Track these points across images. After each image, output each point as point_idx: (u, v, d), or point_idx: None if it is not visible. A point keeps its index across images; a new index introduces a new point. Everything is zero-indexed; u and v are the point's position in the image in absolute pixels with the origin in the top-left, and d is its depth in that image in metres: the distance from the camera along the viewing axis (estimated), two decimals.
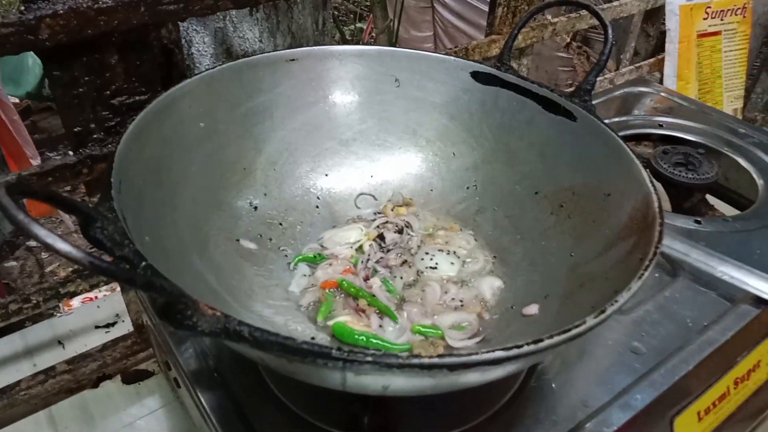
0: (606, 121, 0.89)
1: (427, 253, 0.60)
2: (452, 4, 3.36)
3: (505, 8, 0.82)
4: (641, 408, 0.52)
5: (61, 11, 0.49)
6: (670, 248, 0.69)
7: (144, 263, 0.36)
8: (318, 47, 0.62)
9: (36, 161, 1.76)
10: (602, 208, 0.54)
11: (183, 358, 0.57)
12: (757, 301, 0.62)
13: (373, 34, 3.13)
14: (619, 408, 0.52)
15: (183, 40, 0.63)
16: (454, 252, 0.60)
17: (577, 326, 0.36)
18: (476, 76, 0.63)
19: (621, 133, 0.92)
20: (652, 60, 1.11)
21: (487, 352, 0.34)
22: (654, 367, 0.56)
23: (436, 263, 0.59)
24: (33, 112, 3.10)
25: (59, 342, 0.81)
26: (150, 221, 0.47)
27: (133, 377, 0.76)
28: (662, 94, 1.00)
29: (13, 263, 2.73)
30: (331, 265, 0.58)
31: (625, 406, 0.53)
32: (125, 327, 0.81)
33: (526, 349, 0.34)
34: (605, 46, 0.58)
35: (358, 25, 4.28)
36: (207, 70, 0.57)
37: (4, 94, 1.69)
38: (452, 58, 0.64)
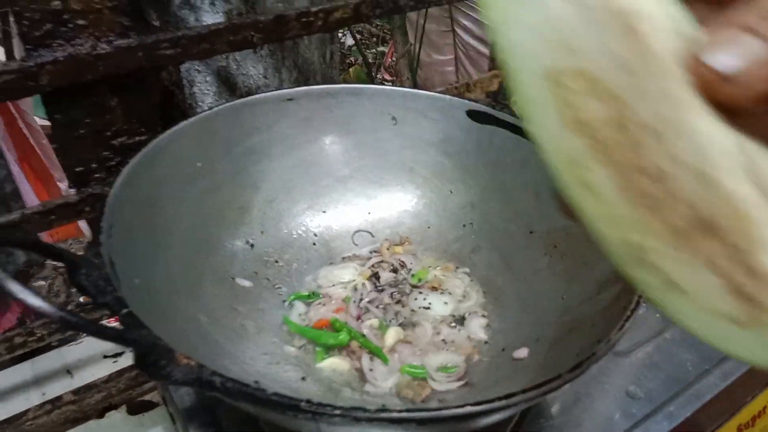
0: None
1: (420, 293, 0.60)
2: (473, 28, 3.38)
3: None
4: None
5: (61, 58, 0.51)
6: None
7: (125, 311, 0.37)
8: (314, 87, 0.63)
9: (63, 184, 1.81)
10: (593, 250, 0.53)
11: (177, 395, 0.58)
12: None
13: (395, 58, 3.17)
14: None
15: (184, 81, 0.65)
16: (448, 292, 0.60)
17: (550, 381, 0.35)
18: (472, 114, 0.63)
19: None
20: None
21: (457, 407, 0.33)
22: (650, 413, 0.55)
23: (429, 303, 0.59)
24: None
25: (68, 371, 0.82)
26: (142, 263, 0.48)
27: (138, 408, 0.77)
28: None
29: (42, 282, 2.79)
30: (324, 304, 0.58)
31: None
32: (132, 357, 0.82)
33: (497, 404, 0.34)
34: None
35: (380, 48, 4.33)
36: (203, 111, 0.59)
37: (32, 119, 1.74)
38: (447, 96, 0.64)
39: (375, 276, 0.61)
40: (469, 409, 0.34)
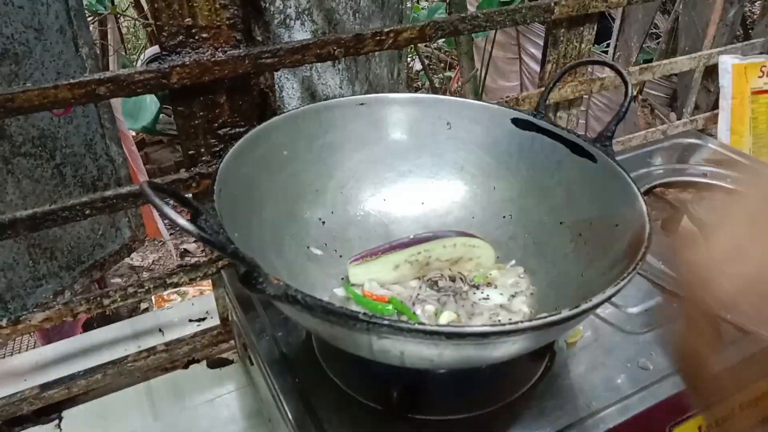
0: (656, 169, 0.98)
1: (478, 289, 0.69)
2: (539, 55, 3.45)
3: (554, 64, 0.93)
4: (638, 412, 0.60)
5: (188, 62, 0.66)
6: None
7: (233, 245, 0.50)
8: (383, 94, 0.76)
9: None
10: (611, 236, 0.63)
11: (260, 345, 0.70)
12: None
13: (460, 83, 3.29)
14: (618, 410, 0.60)
15: (276, 86, 0.79)
16: (503, 285, 0.69)
17: (552, 315, 0.46)
18: (516, 122, 0.74)
19: (666, 180, 0.99)
20: (707, 114, 1.17)
21: (476, 326, 0.44)
22: (657, 380, 0.63)
23: (488, 295, 0.67)
24: (146, 145, 3.43)
25: (160, 330, 0.97)
26: (240, 222, 0.61)
27: (216, 363, 0.91)
28: (711, 145, 1.06)
29: (118, 280, 3.03)
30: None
31: (624, 409, 0.60)
32: (213, 322, 0.96)
33: (508, 327, 0.44)
34: (625, 99, 0.67)
35: (447, 73, 4.48)
36: (292, 109, 0.72)
37: (125, 127, 1.95)
38: (496, 106, 0.75)
39: (434, 283, 0.70)
40: (485, 329, 0.44)
